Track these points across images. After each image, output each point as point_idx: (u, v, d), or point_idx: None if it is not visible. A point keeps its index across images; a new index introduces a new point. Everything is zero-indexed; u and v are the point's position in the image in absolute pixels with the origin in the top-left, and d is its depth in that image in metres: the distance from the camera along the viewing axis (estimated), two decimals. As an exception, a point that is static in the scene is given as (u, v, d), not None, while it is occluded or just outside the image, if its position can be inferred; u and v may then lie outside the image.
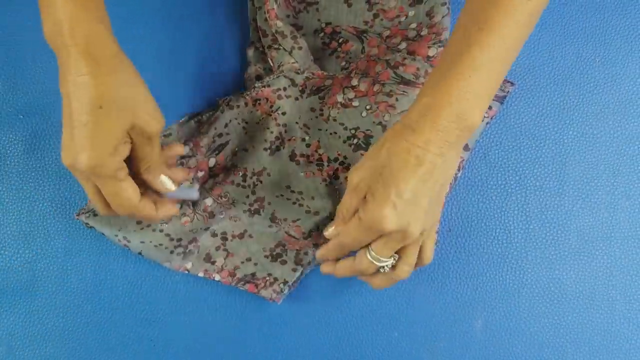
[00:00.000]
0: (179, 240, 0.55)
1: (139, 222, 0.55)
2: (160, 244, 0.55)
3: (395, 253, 0.48)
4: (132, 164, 0.47)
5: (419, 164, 0.43)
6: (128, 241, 0.54)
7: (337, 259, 0.51)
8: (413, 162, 0.43)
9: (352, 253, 0.49)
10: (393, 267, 0.48)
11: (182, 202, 0.55)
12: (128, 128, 0.44)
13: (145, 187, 0.49)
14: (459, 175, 0.55)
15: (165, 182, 0.49)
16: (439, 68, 0.44)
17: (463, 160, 0.55)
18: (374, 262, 0.47)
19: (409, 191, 0.44)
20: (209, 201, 0.56)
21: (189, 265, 0.55)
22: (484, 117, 0.54)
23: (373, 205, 0.44)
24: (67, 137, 0.43)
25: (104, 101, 0.42)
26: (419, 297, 0.56)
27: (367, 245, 0.47)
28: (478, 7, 0.43)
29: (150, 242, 0.55)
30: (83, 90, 0.42)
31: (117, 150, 0.44)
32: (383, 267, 0.48)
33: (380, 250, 0.47)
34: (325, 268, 0.51)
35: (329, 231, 0.49)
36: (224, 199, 0.56)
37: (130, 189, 0.46)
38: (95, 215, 0.54)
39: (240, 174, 0.56)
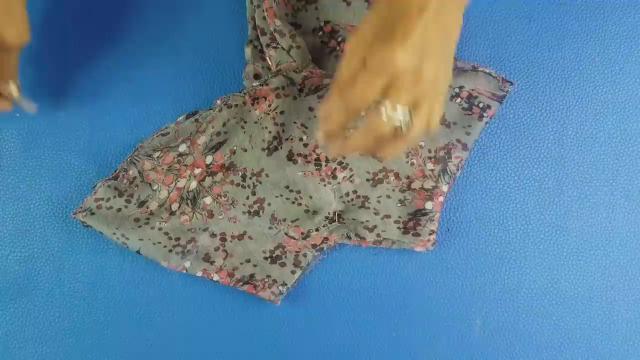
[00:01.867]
0: (177, 239, 0.55)
1: (137, 220, 0.55)
2: (159, 242, 0.55)
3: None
4: None
5: (423, 9, 0.42)
6: (126, 239, 0.54)
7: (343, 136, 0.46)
8: (416, 8, 0.42)
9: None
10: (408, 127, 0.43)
11: (180, 204, 0.55)
12: None
13: None
14: (457, 174, 0.55)
15: (13, 89, 0.50)
16: None
17: (462, 159, 0.55)
18: (391, 117, 0.43)
19: (419, 32, 0.41)
20: (208, 200, 0.55)
21: (187, 265, 0.55)
22: (483, 116, 0.54)
23: (381, 46, 0.41)
24: None
25: None
26: (417, 297, 0.56)
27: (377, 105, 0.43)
28: None
29: (149, 240, 0.54)
30: None
31: None
32: (400, 122, 0.43)
33: (396, 96, 0.42)
34: (334, 149, 0.46)
35: (324, 107, 0.44)
36: (223, 198, 0.56)
37: None
38: (92, 214, 0.54)
39: (240, 174, 0.56)
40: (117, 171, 0.54)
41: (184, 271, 0.55)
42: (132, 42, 0.57)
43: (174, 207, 0.55)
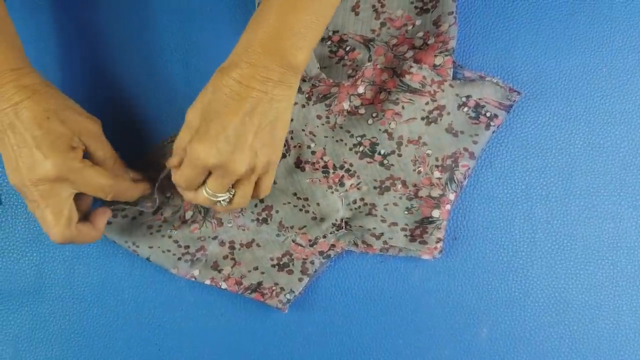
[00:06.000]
0: (187, 247, 0.55)
1: (149, 227, 0.55)
2: (168, 250, 0.55)
3: (233, 187, 0.49)
4: None
5: (241, 99, 0.45)
6: (137, 246, 0.55)
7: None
8: (235, 97, 0.45)
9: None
10: (230, 200, 0.50)
11: (194, 212, 0.55)
12: (76, 132, 0.47)
13: None
14: (464, 183, 0.55)
15: (130, 174, 0.52)
16: (264, 4, 0.46)
17: (469, 168, 0.55)
18: (210, 197, 0.49)
19: (231, 127, 0.45)
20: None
21: (196, 273, 0.55)
22: (490, 125, 0.54)
23: (195, 141, 0.46)
24: (23, 157, 0.46)
25: (50, 113, 0.46)
26: (423, 305, 0.56)
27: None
28: None
29: (159, 247, 0.55)
30: (27, 112, 0.46)
31: (74, 149, 0.47)
32: (219, 201, 0.49)
33: (212, 186, 0.48)
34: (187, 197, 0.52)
35: (168, 164, 0.50)
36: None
37: (99, 172, 0.48)
38: (109, 223, 0.55)
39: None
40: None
41: (193, 279, 0.55)
42: (139, 47, 0.57)
43: (188, 215, 0.56)
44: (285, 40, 0.45)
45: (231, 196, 0.50)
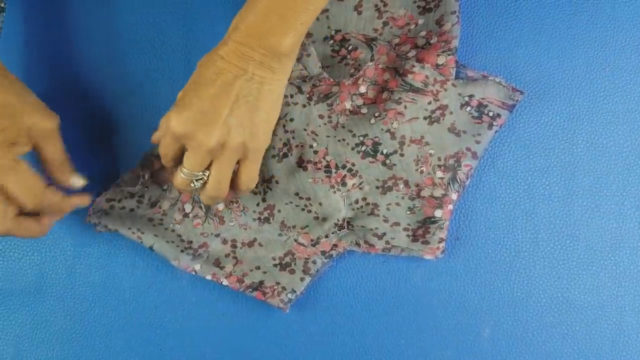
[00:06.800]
0: (190, 242, 0.56)
1: (150, 219, 0.55)
2: (172, 242, 0.55)
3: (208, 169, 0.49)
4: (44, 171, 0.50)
5: (221, 73, 0.46)
6: (142, 233, 0.55)
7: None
8: (214, 70, 0.46)
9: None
10: (205, 183, 0.50)
11: (193, 206, 0.55)
12: (24, 129, 0.47)
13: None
14: (467, 183, 0.55)
15: (76, 180, 0.51)
16: None
17: (471, 168, 0.55)
18: (184, 176, 0.49)
19: (206, 97, 0.46)
20: (220, 206, 0.56)
21: (197, 267, 0.55)
22: (493, 125, 0.54)
23: (171, 110, 0.47)
24: None
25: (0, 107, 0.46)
26: (426, 305, 0.56)
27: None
28: None
29: (163, 237, 0.55)
30: None
31: (12, 146, 0.46)
32: (193, 181, 0.49)
33: (186, 162, 0.48)
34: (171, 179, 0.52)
35: (152, 137, 0.51)
36: (235, 204, 0.56)
37: (30, 176, 0.47)
38: (106, 214, 0.55)
39: (251, 180, 0.56)
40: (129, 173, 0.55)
41: (193, 273, 0.55)
42: (140, 47, 0.57)
43: (187, 208, 0.56)
44: (270, 23, 0.45)
45: (205, 178, 0.49)
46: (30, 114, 0.47)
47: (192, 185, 0.50)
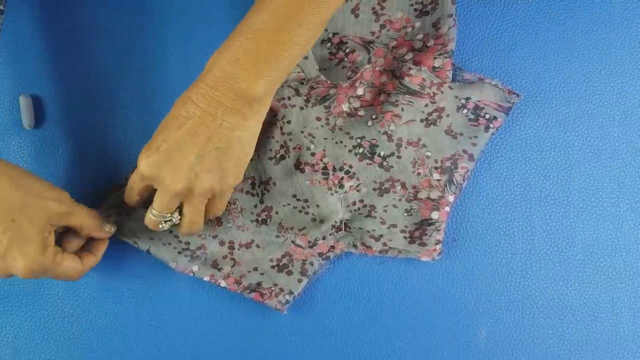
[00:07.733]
0: (187, 243, 0.56)
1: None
2: (169, 243, 0.55)
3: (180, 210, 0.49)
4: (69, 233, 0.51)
5: (188, 116, 0.45)
6: (137, 237, 0.55)
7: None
8: (183, 114, 0.45)
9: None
10: (179, 223, 0.50)
11: None
12: (45, 223, 0.46)
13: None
14: (464, 185, 0.55)
15: (107, 230, 0.52)
16: (240, 24, 0.45)
17: (468, 170, 0.55)
18: (153, 217, 0.49)
19: (172, 141, 0.45)
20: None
21: (195, 268, 0.55)
22: (490, 127, 0.54)
23: (141, 150, 0.46)
24: None
25: (15, 213, 0.45)
26: (422, 307, 0.56)
27: None
28: None
29: (159, 239, 0.55)
30: None
31: (45, 245, 0.47)
32: (161, 222, 0.49)
33: (155, 202, 0.48)
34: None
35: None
36: (232, 206, 0.56)
37: (71, 263, 0.49)
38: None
39: (249, 182, 0.57)
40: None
41: (191, 274, 0.55)
42: (142, 51, 0.58)
43: None
44: (241, 67, 0.43)
45: (175, 221, 0.50)
46: (45, 205, 0.47)
47: (161, 226, 0.50)
